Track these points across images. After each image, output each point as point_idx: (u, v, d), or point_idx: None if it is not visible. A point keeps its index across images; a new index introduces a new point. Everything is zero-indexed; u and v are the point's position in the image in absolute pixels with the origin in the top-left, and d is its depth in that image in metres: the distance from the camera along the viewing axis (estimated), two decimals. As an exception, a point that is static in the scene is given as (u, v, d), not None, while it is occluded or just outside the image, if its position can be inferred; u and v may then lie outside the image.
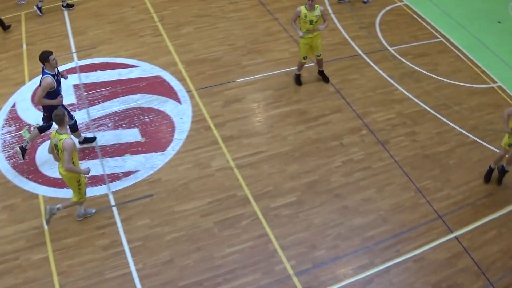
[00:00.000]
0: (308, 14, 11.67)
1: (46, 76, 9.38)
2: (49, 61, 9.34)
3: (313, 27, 11.83)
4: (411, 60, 14.16)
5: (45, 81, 9.35)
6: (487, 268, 9.40)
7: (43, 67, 9.48)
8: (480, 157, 11.62)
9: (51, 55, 9.36)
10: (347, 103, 12.36)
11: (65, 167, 8.33)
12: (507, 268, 9.49)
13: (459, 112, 12.72)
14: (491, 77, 14.28)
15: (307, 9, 11.68)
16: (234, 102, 12.11)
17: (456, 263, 9.42)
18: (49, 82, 9.36)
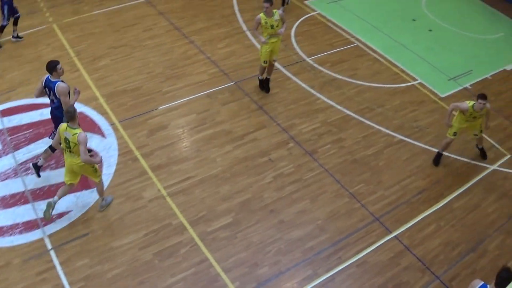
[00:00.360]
0: (268, 20, 13.17)
1: (58, 82, 10.64)
2: (57, 70, 10.63)
3: (274, 31, 13.28)
4: (330, 68, 15.45)
5: (60, 87, 10.58)
6: (430, 263, 10.48)
7: (48, 77, 10.71)
8: (408, 155, 12.94)
9: (59, 64, 10.66)
10: (271, 118, 13.34)
11: (82, 159, 9.58)
12: (450, 259, 10.62)
13: (382, 113, 14.05)
14: (410, 75, 15.84)
15: (266, 15, 13.14)
16: (159, 130, 12.77)
17: (399, 262, 10.42)
18: (64, 86, 10.67)
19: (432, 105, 14.86)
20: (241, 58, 15.43)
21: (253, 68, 14.99)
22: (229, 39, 16.36)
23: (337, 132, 13.28)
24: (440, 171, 12.70)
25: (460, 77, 16.25)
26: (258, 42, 15.04)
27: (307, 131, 13.15)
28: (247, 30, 16.80)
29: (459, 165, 12.98)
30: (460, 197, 12.11)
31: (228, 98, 13.96)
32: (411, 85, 15.55)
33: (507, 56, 18.31)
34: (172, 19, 16.89)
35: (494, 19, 21.03)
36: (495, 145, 13.75)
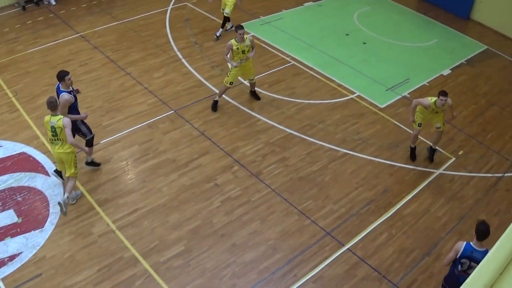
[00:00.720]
0: (240, 46, 14.17)
1: (62, 93, 11.49)
2: (65, 80, 11.50)
3: (245, 56, 14.29)
4: (268, 89, 16.05)
5: (62, 98, 11.43)
6: (386, 271, 10.98)
7: (58, 85, 11.62)
8: (354, 167, 13.55)
9: (68, 75, 11.55)
10: (213, 143, 13.73)
11: (69, 141, 10.82)
12: (406, 266, 11.15)
13: (324, 129, 14.67)
14: (348, 89, 16.57)
15: (237, 41, 14.13)
16: (103, 164, 12.94)
17: (356, 274, 10.88)
18: (67, 98, 11.50)
19: (373, 116, 15.57)
20: (178, 86, 15.86)
21: (192, 95, 15.45)
22: (165, 68, 16.75)
23: (280, 152, 13.76)
24: (386, 180, 13.33)
25: (397, 87, 17.08)
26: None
27: (250, 153, 13.59)
28: (182, 58, 17.25)
29: (405, 173, 13.65)
30: (409, 204, 12.73)
31: (169, 126, 14.27)
32: (350, 99, 16.25)
33: (442, 61, 19.39)
34: (107, 52, 17.23)
35: (427, 27, 22.16)
36: (439, 149, 14.51)
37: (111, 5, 20.73)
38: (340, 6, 23.04)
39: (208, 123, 14.49)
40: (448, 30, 22.26)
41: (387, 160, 13.98)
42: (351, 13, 22.25)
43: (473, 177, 13.85)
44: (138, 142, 13.67)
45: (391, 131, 15.09)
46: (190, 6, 21.05)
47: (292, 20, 20.83)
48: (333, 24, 20.87)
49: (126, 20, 19.52)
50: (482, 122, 16.20)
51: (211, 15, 20.32)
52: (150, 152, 13.41)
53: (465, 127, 15.71)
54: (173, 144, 13.67)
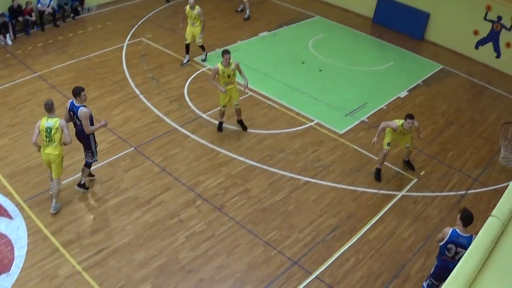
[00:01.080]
0: (226, 70, 14.83)
1: (81, 107, 12.41)
2: (81, 96, 12.43)
3: (230, 80, 14.93)
4: (227, 121, 16.26)
5: (82, 112, 12.37)
6: None
7: (72, 101, 12.54)
8: (316, 195, 13.84)
9: (83, 91, 12.54)
10: (175, 179, 13.91)
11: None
12: None
13: (285, 158, 15.00)
14: (307, 116, 16.96)
15: (223, 65, 14.83)
16: (66, 205, 12.93)
17: None
18: (86, 111, 12.45)
19: (332, 143, 15.96)
20: (137, 123, 16.06)
21: (151, 131, 15.64)
22: (123, 104, 16.96)
23: (242, 183, 14.00)
24: (350, 205, 13.64)
25: (356, 112, 17.52)
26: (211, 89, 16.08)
27: (213, 187, 13.79)
28: (140, 94, 17.48)
29: (368, 197, 13.98)
30: (374, 228, 13.02)
31: (130, 164, 14.43)
32: (309, 127, 16.64)
33: (399, 83, 19.99)
34: (64, 91, 17.29)
35: (382, 50, 22.81)
36: (400, 172, 14.97)
37: (67, 44, 20.97)
38: (295, 34, 23.63)
39: (168, 158, 14.70)
40: (403, 52, 22.97)
41: (350, 185, 14.34)
42: (305, 41, 22.82)
43: (436, 196, 14.27)
44: (99, 181, 13.79)
45: (352, 156, 15.49)
46: (145, 42, 21.40)
47: (248, 51, 21.27)
48: (288, 53, 21.38)
49: (82, 58, 19.75)
50: (442, 141, 16.73)
51: (166, 50, 20.72)
52: (112, 190, 13.52)
53: (425, 148, 16.19)
54: (134, 182, 13.82)
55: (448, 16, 23.44)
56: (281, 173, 14.51)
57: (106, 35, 21.87)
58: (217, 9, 25.30)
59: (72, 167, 13.97)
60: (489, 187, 14.84)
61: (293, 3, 27.36)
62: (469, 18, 22.81)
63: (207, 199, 13.38)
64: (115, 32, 22.01)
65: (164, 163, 14.52)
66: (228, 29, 23.35)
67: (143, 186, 13.68)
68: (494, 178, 15.25)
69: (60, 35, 21.58)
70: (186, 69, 19.32)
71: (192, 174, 14.18)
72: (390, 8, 25.07)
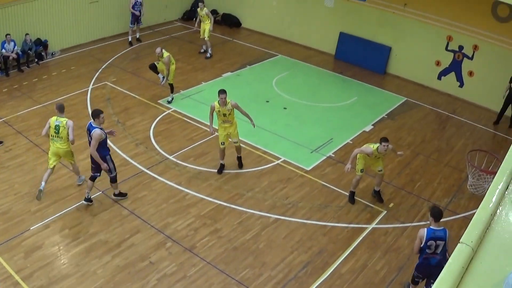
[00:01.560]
0: (221, 109, 15.35)
1: (96, 128, 13.37)
2: (99, 118, 13.45)
3: (227, 119, 15.44)
4: (194, 162, 16.43)
5: (95, 133, 13.30)
6: None
7: (90, 122, 13.53)
8: (287, 232, 13.89)
9: (102, 113, 13.55)
10: (144, 222, 13.87)
11: (71, 139, 13.85)
12: None
13: (253, 197, 15.07)
14: (274, 155, 17.12)
15: (219, 104, 15.32)
16: (35, 251, 12.78)
17: None
18: (99, 133, 13.38)
19: (300, 179, 16.10)
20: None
21: (119, 175, 15.20)
22: (89, 149, 16.74)
23: (212, 224, 14.01)
24: (321, 240, 13.70)
25: (322, 148, 17.71)
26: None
27: (182, 228, 13.77)
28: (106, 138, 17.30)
29: (338, 231, 14.07)
30: (346, 262, 13.08)
31: (98, 208, 14.35)
32: (276, 165, 16.79)
33: (364, 118, 20.30)
34: (30, 137, 17.30)
35: (346, 86, 23.18)
36: (369, 205, 15.11)
37: (32, 89, 20.97)
38: (258, 74, 23.98)
39: (136, 201, 14.68)
40: (367, 87, 23.40)
41: (319, 221, 14.42)
42: (269, 80, 23.16)
43: (407, 227, 14.42)
44: (68, 226, 13.69)
45: (320, 192, 15.62)
46: (110, 85, 21.49)
47: (212, 91, 21.19)
48: (252, 93, 21.62)
49: (48, 103, 19.69)
50: (409, 172, 16.99)
51: (131, 93, 20.81)
52: (81, 235, 13.42)
53: (393, 180, 16.43)
54: (103, 226, 13.75)
55: (409, 48, 24.03)
56: (250, 211, 14.57)
57: (71, 80, 21.91)
58: (180, 52, 25.53)
59: (40, 213, 13.92)
60: (459, 214, 15.06)
61: (255, 43, 27.84)
62: (430, 50, 23.42)
63: (177, 240, 13.34)
64: (80, 76, 22.07)
65: (132, 206, 14.49)
66: (191, 71, 23.57)
67: (112, 229, 13.62)
68: (464, 205, 15.48)
69: (25, 80, 21.59)
70: (152, 111, 19.42)
71: (161, 216, 14.16)
72: (351, 44, 25.61)
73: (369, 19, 25.01)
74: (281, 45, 27.79)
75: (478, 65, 22.25)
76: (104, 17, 25.96)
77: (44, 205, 14.20)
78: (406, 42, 24.07)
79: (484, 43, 21.89)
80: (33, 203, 14.27)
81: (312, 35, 27.37)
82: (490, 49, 21.80)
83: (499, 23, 21.21)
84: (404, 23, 23.92)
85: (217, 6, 30.69)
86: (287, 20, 28.13)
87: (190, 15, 30.65)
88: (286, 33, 28.39)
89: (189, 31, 28.81)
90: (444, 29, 22.78)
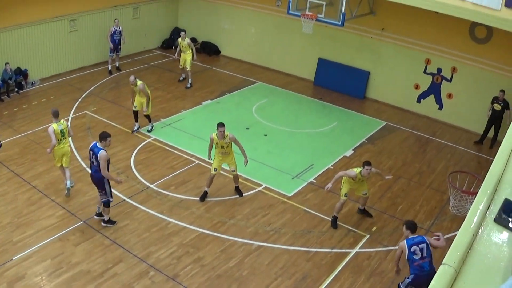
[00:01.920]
0: (219, 142, 15.72)
1: (102, 150, 13.71)
2: (106, 140, 13.85)
3: (224, 150, 15.85)
4: (175, 191, 16.39)
5: (102, 155, 13.64)
6: None
7: (95, 143, 13.91)
8: (270, 258, 13.86)
9: (110, 137, 13.95)
10: (126, 251, 13.76)
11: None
12: None
13: (235, 224, 15.06)
14: (255, 181, 17.16)
15: (217, 137, 15.67)
16: (17, 281, 12.62)
17: None
18: (106, 154, 13.77)
19: (282, 206, 16.14)
20: (86, 196, 15.91)
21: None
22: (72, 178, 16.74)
23: (195, 252, 13.94)
24: (304, 266, 13.68)
25: (303, 174, 17.78)
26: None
27: (165, 257, 13.68)
28: (87, 167, 17.21)
29: (322, 256, 14.07)
30: (330, 287, 13.08)
31: (80, 238, 14.24)
32: (258, 191, 16.84)
33: (344, 143, 20.46)
34: (11, 167, 17.17)
35: (326, 111, 23.29)
36: (352, 229, 15.15)
37: (12, 118, 20.84)
38: (238, 101, 24.08)
39: (118, 230, 14.59)
40: (346, 112, 23.60)
41: (302, 246, 14.42)
42: (249, 107, 23.27)
43: (390, 250, 14.44)
44: (50, 256, 13.53)
45: (302, 218, 15.64)
46: (90, 115, 21.45)
47: (192, 119, 21.51)
48: (233, 120, 21.47)
49: (28, 132, 19.63)
50: (391, 196, 17.10)
51: (111, 122, 20.78)
52: (64, 265, 13.27)
53: (375, 204, 16.50)
54: (85, 255, 13.63)
55: (388, 73, 24.34)
56: (233, 239, 14.54)
57: (51, 109, 21.67)
58: (159, 80, 25.65)
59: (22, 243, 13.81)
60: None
61: (234, 70, 27.99)
62: (409, 73, 23.74)
63: (160, 269, 13.25)
64: (60, 106, 21.79)
65: (114, 235, 14.40)
66: (171, 99, 23.59)
67: (94, 259, 13.49)
68: (446, 227, 15.60)
69: (5, 110, 21.49)
70: (132, 140, 19.39)
71: (143, 245, 14.08)
72: (330, 70, 25.88)
73: (347, 45, 25.30)
74: (261, 72, 27.97)
75: (457, 87, 22.57)
76: (84, 46, 25.96)
77: (26, 235, 14.11)
78: (384, 66, 24.37)
79: (462, 65, 22.25)
80: (15, 232, 14.18)
81: (291, 61, 27.62)
82: (468, 71, 22.16)
83: (477, 44, 21.58)
84: (382, 48, 24.27)
85: (196, 34, 30.86)
86: (266, 47, 28.38)
87: (169, 44, 30.91)
88: (265, 60, 28.60)
89: (168, 60, 28.93)
90: (422, 52, 23.14)
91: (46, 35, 24.45)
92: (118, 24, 26.00)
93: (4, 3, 22.01)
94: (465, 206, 14.87)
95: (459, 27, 21.32)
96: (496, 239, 5.58)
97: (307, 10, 21.61)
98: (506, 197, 6.05)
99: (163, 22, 31.03)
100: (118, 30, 25.82)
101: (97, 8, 26.44)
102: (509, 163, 6.80)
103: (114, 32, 25.67)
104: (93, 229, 14.56)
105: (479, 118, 21.73)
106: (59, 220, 14.88)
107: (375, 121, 22.86)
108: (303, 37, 25.30)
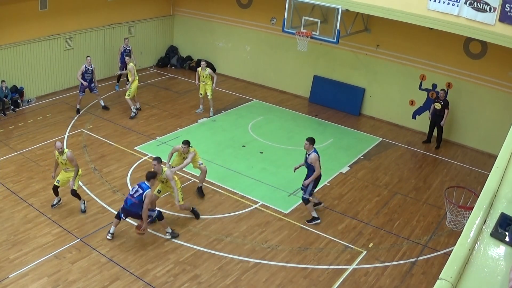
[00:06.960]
0: None
1: (149, 190, 14.19)
2: (154, 179, 14.51)
3: None
4: (171, 208, 16.36)
5: (149, 195, 14.16)
6: None
7: (143, 183, 14.32)
8: (267, 275, 13.84)
9: (156, 176, 14.65)
10: (123, 269, 13.72)
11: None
12: None
13: (232, 241, 15.05)
14: (251, 199, 17.15)
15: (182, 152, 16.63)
16: None
17: None
18: (152, 195, 14.49)
19: (278, 223, 16.13)
20: (82, 214, 15.89)
21: (96, 222, 15.51)
22: (66, 196, 16.57)
23: (191, 269, 13.91)
24: (301, 283, 13.65)
25: (299, 191, 17.53)
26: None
27: (161, 275, 13.65)
28: (83, 185, 17.26)
29: (319, 273, 14.05)
30: (328, 304, 13.09)
31: (77, 256, 14.20)
32: (254, 209, 16.82)
33: (340, 159, 20.48)
34: (7, 184, 17.15)
35: (321, 128, 23.34)
36: (349, 246, 15.16)
37: (8, 136, 20.84)
38: (234, 119, 24.11)
39: (115, 248, 14.56)
40: (342, 129, 23.68)
41: (299, 263, 14.41)
42: (245, 125, 23.31)
43: (387, 266, 14.47)
44: (47, 274, 13.48)
45: (299, 234, 15.64)
46: (86, 133, 21.46)
47: (188, 137, 21.25)
48: (228, 138, 21.73)
49: (24, 150, 19.62)
50: (387, 212, 17.11)
51: (107, 140, 20.79)
52: (60, 283, 13.22)
53: (372, 220, 16.53)
54: (82, 273, 13.58)
55: (383, 89, 24.45)
56: (230, 256, 14.52)
57: (47, 127, 21.85)
58: (155, 99, 25.70)
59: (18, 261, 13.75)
60: (440, 251, 15.21)
61: (230, 88, 28.05)
62: (404, 90, 23.86)
63: (157, 287, 13.22)
64: (56, 124, 22.02)
65: (111, 253, 14.36)
66: (167, 118, 23.62)
67: (91, 277, 13.45)
68: (444, 242, 15.65)
69: (1, 128, 21.47)
70: (128, 158, 19.39)
71: (140, 263, 14.04)
72: (325, 87, 25.96)
73: (342, 62, 25.44)
74: (256, 89, 28.09)
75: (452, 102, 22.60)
76: (80, 64, 25.70)
77: (23, 252, 14.08)
78: (379, 83, 24.50)
79: (457, 80, 22.37)
80: (11, 250, 14.14)
81: (286, 79, 27.73)
82: (463, 86, 22.26)
83: (471, 59, 21.72)
84: (377, 64, 24.41)
85: (192, 52, 31.07)
86: (261, 64, 28.51)
87: (165, 62, 31.05)
88: (261, 78, 28.73)
89: (164, 78, 29.14)
90: (417, 68, 23.28)
91: (42, 53, 24.54)
92: (128, 43, 26.05)
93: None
94: (462, 221, 14.88)
95: (454, 43, 21.51)
96: (493, 253, 5.59)
97: (301, 27, 21.71)
98: (502, 211, 6.07)
99: (159, 40, 31.19)
100: (128, 48, 25.81)
101: (93, 27, 26.58)
102: (504, 178, 6.82)
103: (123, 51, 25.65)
104: (89, 246, 14.52)
105: (475, 134, 21.95)
106: (56, 238, 14.84)
107: (371, 137, 22.94)
108: (298, 54, 25.44)
